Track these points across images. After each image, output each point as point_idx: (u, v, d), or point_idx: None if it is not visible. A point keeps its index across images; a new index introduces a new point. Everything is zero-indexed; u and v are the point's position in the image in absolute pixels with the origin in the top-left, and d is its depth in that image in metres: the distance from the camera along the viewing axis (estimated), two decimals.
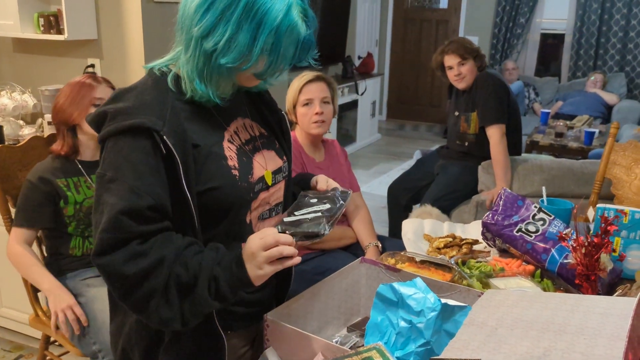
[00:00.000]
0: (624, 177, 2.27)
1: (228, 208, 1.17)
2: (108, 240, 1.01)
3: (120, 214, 1.01)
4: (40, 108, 2.78)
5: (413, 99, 7.82)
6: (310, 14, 1.11)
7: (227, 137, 1.20)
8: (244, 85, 1.19)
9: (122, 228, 1.01)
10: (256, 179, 1.22)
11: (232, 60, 1.07)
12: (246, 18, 1.04)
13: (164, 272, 1.02)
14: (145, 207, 1.03)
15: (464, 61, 2.95)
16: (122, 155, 1.05)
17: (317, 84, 2.13)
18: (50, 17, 2.66)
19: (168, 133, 1.06)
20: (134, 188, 1.02)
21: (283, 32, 1.05)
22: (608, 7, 6.39)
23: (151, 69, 1.17)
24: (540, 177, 2.84)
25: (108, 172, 1.05)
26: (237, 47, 1.05)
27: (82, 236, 1.94)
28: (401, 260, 1.60)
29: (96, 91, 1.91)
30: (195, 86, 1.11)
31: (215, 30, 1.05)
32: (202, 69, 1.10)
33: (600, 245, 1.32)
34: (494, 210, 1.64)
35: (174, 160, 1.06)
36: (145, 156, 1.05)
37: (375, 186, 5.01)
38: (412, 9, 7.62)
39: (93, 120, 1.13)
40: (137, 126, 1.05)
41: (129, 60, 2.71)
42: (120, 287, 1.03)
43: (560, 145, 4.58)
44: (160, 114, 1.07)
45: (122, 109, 1.08)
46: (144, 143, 1.05)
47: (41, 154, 2.02)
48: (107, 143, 1.08)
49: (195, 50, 1.09)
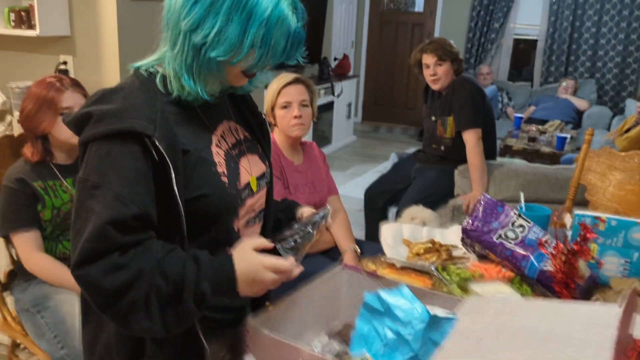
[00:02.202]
0: (599, 183, 2.30)
1: (217, 215, 1.14)
2: (91, 250, 0.97)
3: (106, 224, 0.97)
4: (9, 105, 2.70)
5: (388, 101, 7.87)
6: (300, 7, 1.09)
7: (214, 141, 1.16)
8: (233, 83, 1.16)
9: (107, 239, 0.97)
10: (243, 186, 1.19)
11: (223, 53, 1.04)
12: (236, 10, 1.01)
13: (144, 285, 0.99)
14: (131, 216, 0.99)
15: (441, 62, 2.97)
16: (109, 161, 1.00)
17: (296, 87, 2.11)
18: (22, 12, 2.59)
19: (160, 138, 1.02)
20: (120, 196, 0.98)
21: (273, 24, 1.03)
22: (579, 15, 6.52)
23: (137, 69, 1.13)
24: (516, 182, 2.87)
25: (92, 177, 1.01)
26: (227, 39, 1.03)
27: (56, 240, 1.88)
28: (382, 266, 1.59)
29: (63, 98, 1.82)
30: (184, 82, 1.07)
31: (204, 23, 1.02)
32: (191, 63, 1.06)
33: (579, 252, 1.33)
34: (473, 217, 1.64)
35: (165, 166, 1.02)
36: (134, 162, 1.01)
37: (351, 188, 5.01)
38: (388, 12, 7.66)
39: (74, 121, 1.07)
40: (128, 131, 1.00)
41: (103, 58, 2.65)
42: (99, 299, 0.99)
43: (533, 149, 4.66)
44: (150, 117, 1.03)
45: (109, 111, 1.02)
46: (133, 148, 1.01)
47: (12, 154, 1.96)
48: (91, 146, 1.03)
49: (184, 45, 1.05)
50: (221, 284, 1.04)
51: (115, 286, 0.97)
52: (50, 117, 1.81)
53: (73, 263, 0.98)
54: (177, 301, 1.01)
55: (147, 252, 1.01)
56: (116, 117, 1.01)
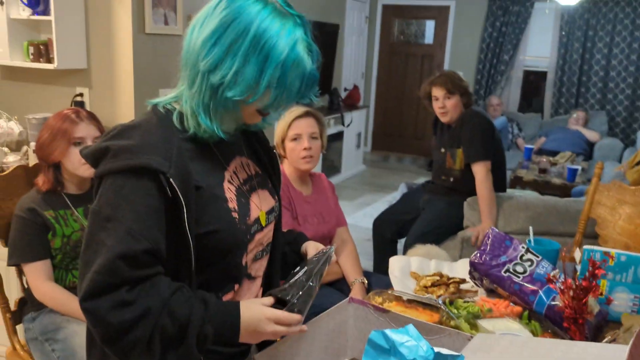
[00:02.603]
0: (609, 217, 2.29)
1: (226, 250, 1.15)
2: (100, 283, 0.98)
3: (116, 258, 0.98)
4: (26, 136, 2.75)
5: (398, 131, 7.91)
6: (315, 49, 1.12)
7: (227, 177, 1.18)
8: (247, 121, 1.18)
9: (116, 273, 0.99)
10: (253, 221, 1.21)
11: (239, 93, 1.06)
12: (253, 52, 1.04)
13: (149, 324, 1.00)
14: (141, 251, 1.00)
15: (450, 95, 3.00)
16: (122, 195, 1.02)
17: (306, 120, 2.14)
18: (40, 45, 2.66)
19: (174, 175, 1.04)
20: (131, 231, 1.00)
21: (289, 65, 1.06)
22: (589, 47, 6.57)
23: (155, 106, 1.15)
24: (526, 214, 2.86)
25: (105, 209, 1.02)
26: (243, 80, 1.05)
27: (66, 269, 1.90)
28: (388, 299, 1.59)
29: (76, 129, 1.87)
30: (201, 120, 1.10)
31: (222, 64, 1.05)
32: (208, 103, 1.09)
33: (588, 288, 1.33)
34: (481, 250, 1.64)
35: (178, 202, 1.04)
36: (148, 198, 1.03)
37: (360, 218, 5.01)
38: (398, 44, 7.76)
39: (91, 154, 1.09)
40: (144, 167, 1.02)
41: (118, 90, 2.71)
42: (104, 333, 1.00)
43: (544, 181, 4.64)
44: (166, 154, 1.05)
45: (126, 146, 1.04)
46: (148, 184, 1.03)
47: (26, 184, 1.99)
48: (107, 179, 1.05)
49: (202, 85, 1.08)
50: (224, 330, 1.06)
51: (121, 322, 0.98)
52: (63, 147, 1.86)
53: (81, 295, 1.00)
54: (180, 342, 1.03)
55: (154, 290, 1.02)
56: (133, 153, 1.03)
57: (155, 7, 2.73)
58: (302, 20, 1.10)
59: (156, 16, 2.75)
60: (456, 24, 7.25)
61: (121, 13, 2.62)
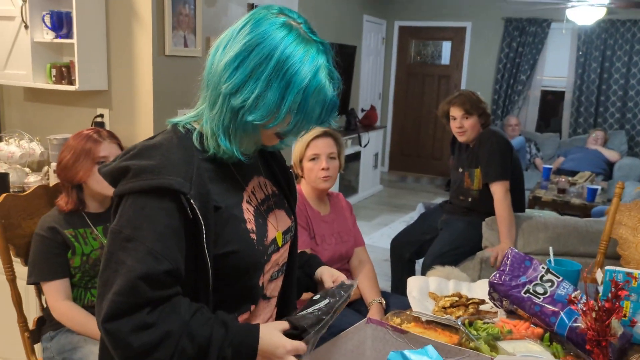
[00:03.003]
0: (630, 237, 2.25)
1: (244, 271, 1.15)
2: (121, 304, 0.99)
3: (137, 278, 0.99)
4: (47, 156, 2.80)
5: (415, 151, 7.90)
6: (336, 76, 1.12)
7: (245, 197, 1.19)
8: (266, 144, 1.19)
9: (137, 293, 0.99)
10: (270, 242, 1.21)
11: (259, 117, 1.06)
12: (276, 77, 1.04)
13: (170, 346, 1.01)
14: (163, 271, 1.01)
15: (468, 115, 2.99)
16: (144, 215, 1.02)
17: (325, 140, 2.15)
18: (63, 68, 2.72)
19: (195, 196, 1.04)
20: (153, 251, 1.00)
21: (311, 92, 1.06)
22: (607, 67, 6.53)
23: (175, 125, 1.16)
24: (545, 234, 2.82)
25: (125, 229, 1.03)
26: (265, 104, 1.05)
27: (85, 288, 1.91)
28: (407, 320, 1.57)
29: (100, 149, 1.89)
30: (220, 142, 1.10)
31: (244, 87, 1.05)
32: (228, 125, 1.09)
33: (611, 310, 1.30)
34: (501, 270, 1.62)
35: (197, 223, 1.05)
36: (168, 218, 1.03)
37: (377, 238, 4.99)
38: (415, 64, 7.80)
39: (111, 173, 1.09)
40: (165, 187, 1.03)
41: (137, 111, 2.75)
42: (124, 355, 1.01)
43: (563, 201, 4.59)
44: (186, 175, 1.05)
45: (147, 167, 1.05)
46: (168, 205, 1.03)
47: (46, 204, 2.02)
48: (127, 199, 1.05)
49: (223, 107, 1.08)
50: (242, 353, 1.05)
51: (142, 345, 0.99)
52: (87, 167, 1.88)
53: (102, 316, 1.00)
54: None
55: (174, 312, 1.03)
56: (154, 173, 1.03)
57: (175, 30, 2.78)
58: (325, 47, 1.11)
59: (176, 38, 2.80)
60: (473, 44, 7.27)
61: (142, 36, 2.68)
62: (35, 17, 2.68)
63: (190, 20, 2.87)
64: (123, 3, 2.69)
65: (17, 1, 2.67)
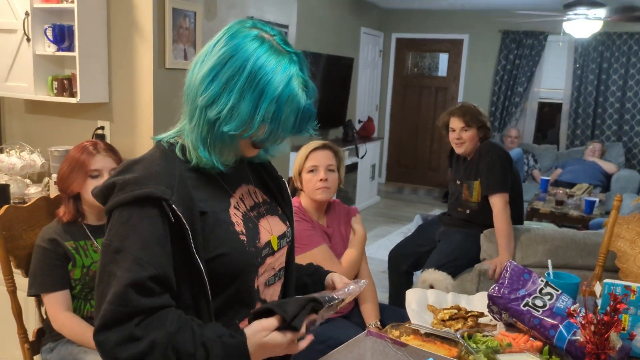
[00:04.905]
0: (629, 250, 2.27)
1: (237, 274, 1.17)
2: (112, 313, 1.01)
3: (126, 286, 1.01)
4: (47, 167, 2.81)
5: (412, 163, 7.93)
6: (311, 85, 1.15)
7: (233, 203, 1.21)
8: (247, 154, 1.21)
9: (128, 302, 1.01)
10: (263, 244, 1.23)
11: (235, 128, 1.09)
12: (249, 88, 1.08)
13: (157, 357, 1.01)
14: (148, 277, 1.03)
15: (467, 127, 3.01)
16: (129, 225, 1.06)
17: (324, 152, 2.18)
18: (64, 80, 2.73)
19: (177, 202, 1.07)
20: (138, 259, 1.03)
21: (284, 101, 1.09)
22: (604, 79, 6.58)
23: (159, 141, 1.20)
24: (544, 247, 2.84)
25: (114, 242, 1.06)
26: (239, 115, 1.08)
27: (85, 299, 1.92)
28: (406, 332, 1.58)
29: (93, 161, 1.92)
30: (200, 154, 1.13)
31: (219, 99, 1.09)
32: (206, 136, 1.12)
33: (610, 323, 1.31)
34: (500, 283, 1.63)
35: (182, 228, 1.07)
36: (152, 226, 1.06)
37: (375, 250, 4.99)
38: (411, 76, 7.84)
39: (101, 192, 1.13)
40: (146, 196, 1.06)
41: (138, 123, 2.77)
42: None
43: (561, 213, 4.61)
44: (168, 183, 1.09)
45: (130, 179, 1.09)
46: (151, 212, 1.06)
47: (47, 215, 2.03)
48: (114, 213, 1.09)
49: (200, 119, 1.11)
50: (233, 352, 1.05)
51: (129, 357, 1.00)
52: (80, 179, 1.90)
53: (95, 327, 1.03)
54: None
55: (161, 324, 1.04)
56: (137, 184, 1.07)
57: (175, 43, 2.80)
58: (299, 58, 1.14)
59: (176, 51, 2.82)
60: (470, 56, 7.32)
61: (142, 49, 2.70)
62: (37, 30, 2.70)
63: (190, 33, 2.90)
64: (124, 16, 2.71)
65: (19, 14, 2.69)
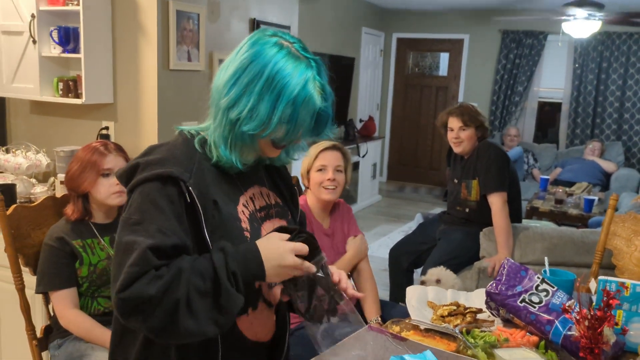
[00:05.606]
0: (624, 248, 2.31)
1: None
2: (135, 273, 1.06)
3: (148, 249, 1.07)
4: (53, 167, 2.85)
5: (413, 162, 7.96)
6: (328, 90, 1.22)
7: (242, 201, 1.27)
8: (267, 154, 1.28)
9: (148, 262, 1.07)
10: None
11: (254, 127, 1.17)
12: (267, 90, 1.15)
13: (183, 283, 1.08)
14: (171, 245, 1.10)
15: (465, 127, 3.04)
16: (149, 200, 1.13)
17: (333, 152, 2.24)
18: (70, 81, 2.77)
19: (193, 185, 1.15)
20: (162, 228, 1.10)
21: (300, 103, 1.16)
22: (603, 79, 6.61)
23: (182, 130, 1.28)
24: (542, 245, 2.87)
25: (134, 215, 1.13)
26: (258, 116, 1.16)
27: (92, 297, 1.96)
28: (406, 328, 1.61)
29: (105, 161, 1.96)
30: (221, 152, 1.21)
31: (239, 101, 1.17)
32: (228, 136, 1.20)
33: (603, 318, 1.35)
34: (497, 280, 1.67)
35: (196, 210, 1.14)
36: (171, 203, 1.13)
37: (376, 248, 5.03)
38: (412, 75, 7.87)
39: (125, 172, 1.20)
40: (167, 175, 1.13)
41: (142, 124, 2.81)
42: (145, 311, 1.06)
43: (560, 211, 4.64)
44: (187, 167, 1.17)
45: (152, 160, 1.17)
46: (170, 190, 1.14)
47: (55, 214, 2.07)
48: (136, 190, 1.16)
49: (222, 120, 1.19)
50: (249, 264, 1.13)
51: (158, 288, 1.06)
52: (92, 178, 1.94)
53: (117, 289, 1.07)
54: (216, 292, 1.10)
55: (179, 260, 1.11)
56: (158, 164, 1.15)
57: (179, 45, 2.84)
58: (317, 63, 1.21)
59: (180, 53, 2.86)
60: (470, 56, 7.35)
61: (147, 50, 2.74)
62: (43, 32, 2.73)
63: (194, 35, 2.94)
64: (129, 19, 2.75)
65: (25, 17, 2.73)
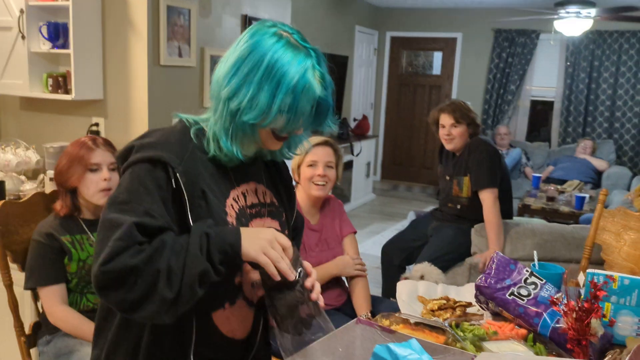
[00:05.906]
0: (614, 242, 2.32)
1: None
2: (119, 247, 1.05)
3: (134, 225, 1.07)
4: (42, 164, 2.83)
5: (407, 161, 7.97)
6: (328, 79, 1.22)
7: (232, 195, 1.26)
8: (268, 146, 1.26)
9: (133, 238, 1.07)
10: None
11: (254, 117, 1.17)
12: (266, 79, 1.15)
13: (165, 253, 1.07)
14: (157, 227, 1.10)
15: (456, 124, 3.05)
16: (138, 181, 1.13)
17: (324, 148, 2.23)
18: (59, 77, 2.76)
19: (182, 172, 1.14)
20: (149, 210, 1.10)
21: (299, 91, 1.16)
22: (595, 77, 6.64)
23: (181, 118, 1.28)
24: (532, 241, 2.88)
25: (122, 195, 1.12)
26: (258, 105, 1.16)
27: (80, 293, 1.95)
28: (396, 321, 1.61)
29: (92, 156, 1.95)
30: (222, 144, 1.20)
31: (239, 91, 1.17)
32: (228, 127, 1.19)
33: (590, 310, 1.35)
34: (486, 274, 1.67)
35: (181, 196, 1.14)
36: (158, 187, 1.13)
37: (369, 246, 5.03)
38: (406, 75, 7.88)
39: (121, 154, 1.21)
40: (157, 158, 1.13)
41: (132, 120, 2.80)
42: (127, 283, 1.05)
43: (552, 209, 4.66)
44: (179, 154, 1.16)
45: (146, 143, 1.17)
46: (159, 174, 1.14)
47: (43, 210, 2.05)
48: (127, 171, 1.16)
49: (223, 111, 1.19)
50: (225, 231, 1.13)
51: (142, 259, 1.05)
52: (79, 173, 1.93)
53: (100, 262, 1.05)
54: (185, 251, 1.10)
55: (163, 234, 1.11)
56: (151, 147, 1.16)
57: (169, 40, 2.83)
58: (316, 52, 1.21)
59: (170, 49, 2.85)
60: (463, 55, 7.36)
61: (137, 46, 2.73)
62: (32, 28, 2.72)
63: (184, 31, 2.93)
64: (119, 14, 2.74)
65: (14, 12, 2.72)
